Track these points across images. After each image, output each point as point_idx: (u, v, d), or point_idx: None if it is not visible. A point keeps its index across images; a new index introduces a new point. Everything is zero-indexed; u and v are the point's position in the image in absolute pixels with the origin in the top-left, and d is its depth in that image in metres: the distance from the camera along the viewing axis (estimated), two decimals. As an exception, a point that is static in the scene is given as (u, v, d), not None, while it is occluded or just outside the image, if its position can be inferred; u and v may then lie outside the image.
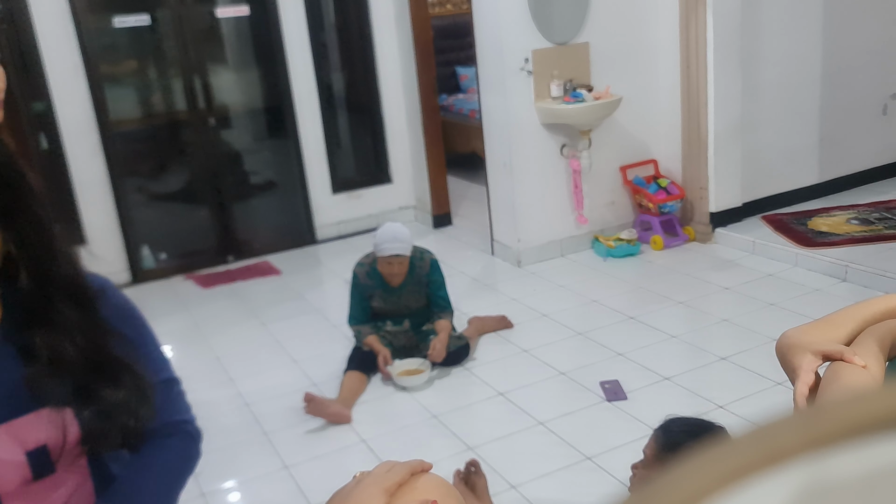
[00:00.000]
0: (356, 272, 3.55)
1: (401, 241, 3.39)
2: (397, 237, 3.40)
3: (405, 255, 3.41)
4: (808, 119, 4.98)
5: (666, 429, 1.89)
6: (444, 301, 3.60)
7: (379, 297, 3.54)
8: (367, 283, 3.52)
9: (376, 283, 3.52)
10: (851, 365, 1.02)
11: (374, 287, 3.52)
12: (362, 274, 3.53)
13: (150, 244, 5.08)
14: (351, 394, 3.29)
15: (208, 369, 3.76)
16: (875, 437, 0.25)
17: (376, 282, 3.52)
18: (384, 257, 3.39)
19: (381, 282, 3.51)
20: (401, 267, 3.43)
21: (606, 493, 2.54)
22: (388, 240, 3.39)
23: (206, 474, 2.89)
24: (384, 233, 3.43)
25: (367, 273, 3.52)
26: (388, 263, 3.41)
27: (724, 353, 3.39)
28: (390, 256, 3.38)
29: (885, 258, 4.02)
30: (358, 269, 3.55)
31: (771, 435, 0.26)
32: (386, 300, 3.55)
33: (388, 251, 3.37)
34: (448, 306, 3.60)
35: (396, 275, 3.46)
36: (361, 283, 3.54)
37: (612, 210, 4.91)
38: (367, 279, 3.52)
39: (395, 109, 5.58)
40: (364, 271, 3.53)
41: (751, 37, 4.58)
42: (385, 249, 3.38)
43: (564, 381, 3.32)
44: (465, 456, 2.77)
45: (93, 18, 4.68)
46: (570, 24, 4.49)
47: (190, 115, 5.07)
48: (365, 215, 5.56)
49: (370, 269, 3.52)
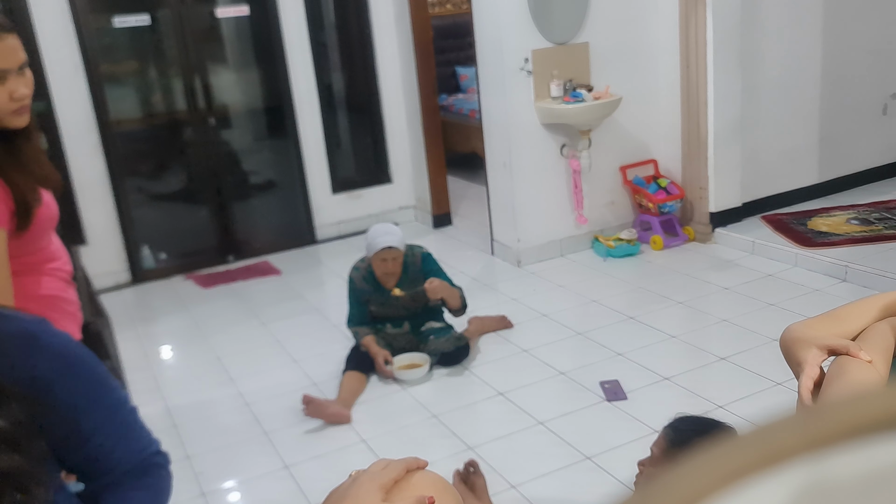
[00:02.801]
0: (352, 276, 3.55)
1: (392, 234, 3.39)
2: (388, 231, 3.41)
3: (399, 249, 3.39)
4: (808, 119, 4.98)
5: (675, 427, 1.89)
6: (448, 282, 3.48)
7: (376, 302, 3.53)
8: (363, 288, 3.52)
9: (373, 288, 3.51)
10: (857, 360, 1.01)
11: (371, 291, 3.52)
12: (358, 278, 3.53)
13: (150, 244, 5.08)
14: (350, 394, 3.29)
15: (208, 369, 3.76)
16: (875, 438, 0.25)
17: (372, 286, 3.51)
18: (378, 252, 3.37)
19: (378, 286, 3.50)
20: (395, 264, 3.42)
21: (606, 493, 2.54)
22: (379, 234, 3.39)
23: (206, 474, 2.89)
24: (375, 229, 3.45)
25: (362, 277, 3.52)
26: (382, 260, 3.39)
27: (723, 353, 3.39)
28: (384, 250, 3.36)
29: (885, 258, 4.02)
30: (354, 274, 3.55)
31: (771, 435, 0.26)
32: (383, 304, 3.54)
33: (381, 244, 3.35)
34: (452, 284, 3.49)
35: (392, 274, 3.45)
36: (357, 287, 3.53)
37: (611, 210, 4.91)
38: (363, 283, 3.52)
39: (395, 109, 5.58)
40: (360, 276, 3.52)
41: (750, 37, 4.58)
42: (378, 243, 3.37)
43: (564, 380, 3.32)
44: (465, 455, 2.77)
45: (93, 18, 4.68)
46: (570, 24, 4.49)
47: (190, 115, 5.07)
48: (365, 215, 5.56)
49: (366, 273, 3.51)
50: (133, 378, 3.44)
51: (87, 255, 4.61)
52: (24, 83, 1.63)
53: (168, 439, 3.13)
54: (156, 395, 3.53)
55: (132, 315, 4.52)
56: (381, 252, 3.37)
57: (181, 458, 3.01)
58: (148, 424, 1.18)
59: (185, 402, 3.46)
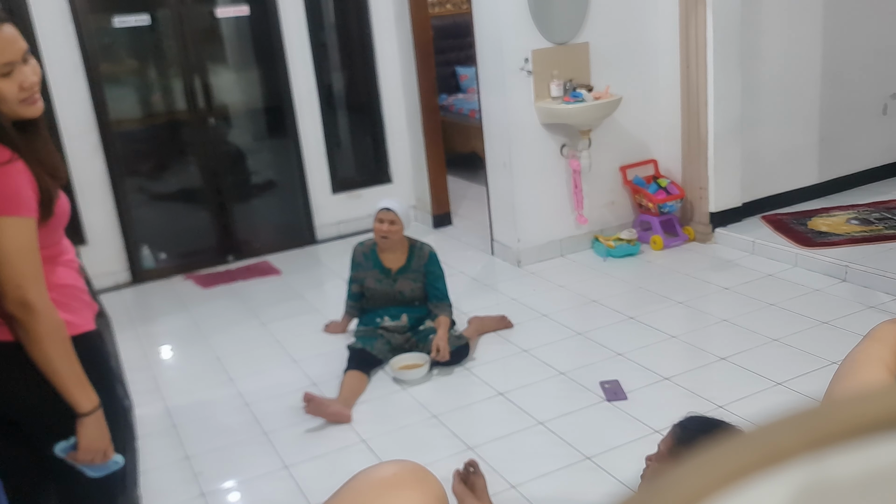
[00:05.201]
0: (354, 249, 3.74)
1: (394, 201, 3.62)
2: (391, 199, 3.67)
3: (396, 213, 3.54)
4: (808, 119, 4.98)
5: (684, 425, 1.91)
6: (441, 293, 3.65)
7: (373, 278, 3.64)
8: (361, 262, 3.68)
9: (373, 264, 3.64)
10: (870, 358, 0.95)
11: (371, 267, 3.64)
12: (359, 252, 3.71)
13: (150, 244, 5.08)
14: (351, 393, 3.29)
15: (208, 369, 3.76)
16: (875, 438, 0.25)
17: (372, 262, 3.64)
18: (377, 213, 3.57)
19: (377, 263, 3.63)
20: (392, 229, 3.54)
21: (606, 492, 2.54)
22: (383, 199, 3.66)
23: (205, 474, 2.89)
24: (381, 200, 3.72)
25: (363, 253, 3.69)
26: (379, 221, 3.56)
27: (723, 353, 3.39)
28: (381, 211, 3.56)
29: (885, 258, 4.02)
30: (357, 248, 3.74)
31: (771, 435, 0.26)
32: (380, 281, 3.63)
33: (381, 205, 3.58)
34: (445, 298, 3.65)
35: (388, 238, 3.55)
36: (356, 260, 3.70)
37: (611, 210, 4.91)
38: (362, 258, 3.68)
39: (395, 109, 5.58)
40: (362, 251, 3.70)
41: (750, 36, 4.58)
42: (378, 205, 3.60)
43: (564, 380, 3.32)
44: (465, 456, 2.77)
45: (93, 18, 4.68)
46: (570, 24, 4.49)
47: (190, 114, 5.07)
48: (365, 215, 5.56)
49: (368, 250, 3.67)
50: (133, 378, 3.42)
51: (86, 254, 4.61)
52: (30, 71, 1.63)
53: (167, 439, 3.14)
54: (155, 395, 3.53)
55: (132, 315, 4.52)
56: (379, 213, 3.57)
57: (181, 458, 3.01)
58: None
59: (185, 403, 3.46)
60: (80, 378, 1.67)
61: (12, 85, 1.59)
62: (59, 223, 1.76)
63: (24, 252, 1.59)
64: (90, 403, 1.69)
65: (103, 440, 1.74)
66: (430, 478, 1.06)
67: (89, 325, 1.80)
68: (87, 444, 1.71)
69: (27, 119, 1.66)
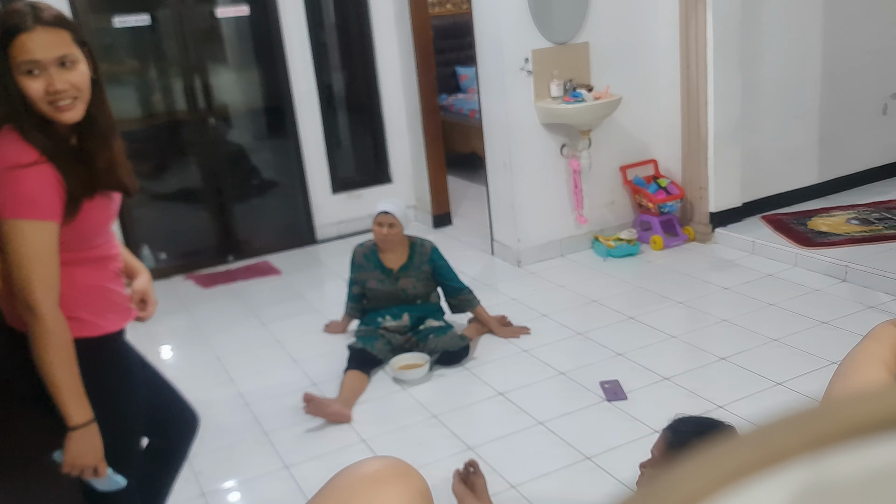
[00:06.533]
0: (354, 251, 3.72)
1: (392, 203, 3.59)
2: (390, 200, 3.64)
3: (394, 216, 3.53)
4: (808, 119, 4.99)
5: (674, 428, 1.89)
6: (458, 283, 3.70)
7: (375, 279, 3.63)
8: (362, 264, 3.66)
9: (374, 265, 3.63)
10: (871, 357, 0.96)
11: (372, 268, 3.63)
12: (359, 254, 3.69)
13: (150, 244, 5.08)
14: (351, 393, 3.29)
15: (208, 369, 3.76)
16: (875, 438, 0.25)
17: (373, 263, 3.63)
18: (376, 217, 3.56)
19: (378, 263, 3.62)
20: (392, 232, 3.53)
21: (606, 492, 2.54)
22: (381, 202, 3.63)
23: (206, 474, 2.89)
24: (379, 202, 3.68)
25: (364, 254, 3.67)
26: (378, 225, 3.55)
27: (723, 353, 3.39)
28: (380, 214, 3.54)
29: (885, 258, 4.02)
30: (357, 249, 3.72)
31: (771, 435, 0.26)
32: (382, 282, 3.62)
33: (379, 208, 3.56)
34: (462, 286, 3.70)
35: (388, 241, 3.55)
36: (357, 262, 3.69)
37: (611, 210, 4.91)
38: (363, 260, 3.66)
39: (395, 109, 5.58)
40: (362, 252, 3.68)
41: (751, 36, 4.58)
42: (377, 209, 3.58)
43: (564, 380, 3.32)
44: (465, 455, 2.77)
45: (93, 18, 4.68)
46: (570, 23, 4.49)
47: (190, 114, 5.07)
48: (365, 215, 5.56)
49: (369, 251, 3.66)
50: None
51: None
52: (60, 77, 1.59)
53: (168, 439, 3.14)
54: (156, 395, 3.53)
55: (132, 315, 4.52)
56: (377, 217, 3.55)
57: (181, 458, 3.00)
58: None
59: (185, 402, 3.45)
60: (75, 389, 1.62)
61: (39, 86, 1.58)
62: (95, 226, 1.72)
63: (36, 255, 1.57)
64: (81, 417, 1.63)
65: (92, 456, 1.67)
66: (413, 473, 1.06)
67: (113, 327, 1.77)
68: (71, 459, 1.65)
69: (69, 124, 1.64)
